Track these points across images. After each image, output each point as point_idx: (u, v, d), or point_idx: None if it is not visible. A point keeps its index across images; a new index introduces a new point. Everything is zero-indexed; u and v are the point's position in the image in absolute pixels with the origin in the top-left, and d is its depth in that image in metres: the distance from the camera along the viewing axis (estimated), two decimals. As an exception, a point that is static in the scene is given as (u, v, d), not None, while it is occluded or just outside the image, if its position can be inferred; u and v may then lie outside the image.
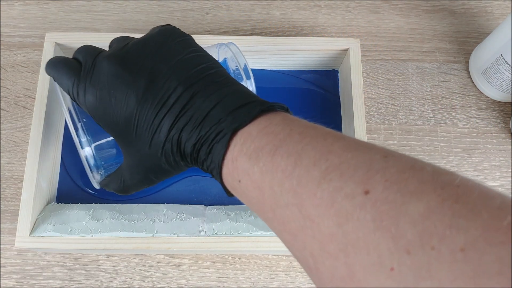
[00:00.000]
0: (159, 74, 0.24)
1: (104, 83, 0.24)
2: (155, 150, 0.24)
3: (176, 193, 0.39)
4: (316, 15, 0.48)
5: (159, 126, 0.23)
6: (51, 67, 0.28)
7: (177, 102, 0.23)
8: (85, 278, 0.39)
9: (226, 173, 0.22)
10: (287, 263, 0.40)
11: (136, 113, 0.24)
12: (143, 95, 0.23)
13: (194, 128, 0.23)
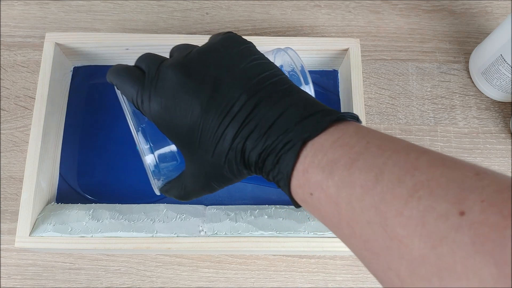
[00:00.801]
0: (223, 83, 0.24)
1: (169, 92, 0.24)
2: (218, 158, 0.24)
3: (176, 193, 0.39)
4: (316, 15, 0.48)
5: (223, 134, 0.23)
6: (114, 75, 0.28)
7: (241, 110, 0.23)
8: (85, 278, 0.39)
9: (296, 185, 0.21)
10: (287, 263, 0.40)
11: (200, 122, 0.23)
12: (207, 104, 0.23)
13: (259, 137, 0.22)
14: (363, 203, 0.18)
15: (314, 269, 0.40)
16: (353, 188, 0.18)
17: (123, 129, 0.41)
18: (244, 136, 0.22)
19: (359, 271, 0.40)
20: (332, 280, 0.40)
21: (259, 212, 0.36)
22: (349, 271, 0.40)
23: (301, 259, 0.40)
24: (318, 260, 0.40)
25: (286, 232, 0.35)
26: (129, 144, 0.41)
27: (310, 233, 0.35)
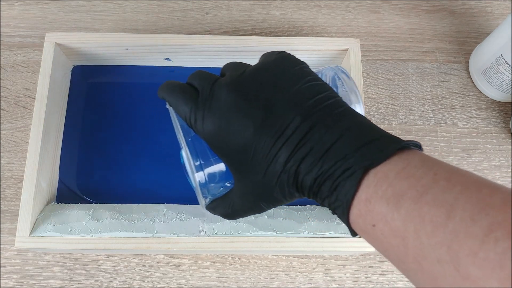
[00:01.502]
0: (277, 104, 0.23)
1: (223, 112, 0.24)
2: (270, 180, 0.23)
3: (176, 193, 0.39)
4: (316, 15, 0.48)
5: (276, 156, 0.23)
6: (167, 92, 0.28)
7: (295, 133, 0.22)
8: (85, 278, 0.39)
9: (356, 214, 0.21)
10: (287, 263, 0.40)
11: (253, 142, 0.23)
12: (261, 125, 0.23)
13: (314, 161, 0.22)
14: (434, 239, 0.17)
15: (314, 269, 0.40)
16: (422, 223, 0.18)
17: (123, 129, 0.41)
18: (298, 159, 0.22)
19: (359, 271, 0.40)
20: (332, 280, 0.40)
21: (259, 212, 0.36)
22: (349, 271, 0.40)
23: (301, 259, 0.40)
24: (318, 260, 0.40)
25: (286, 232, 0.35)
26: (129, 144, 0.41)
27: (310, 233, 0.35)
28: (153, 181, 0.40)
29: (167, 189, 0.39)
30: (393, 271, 0.40)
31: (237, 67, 0.27)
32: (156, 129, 0.41)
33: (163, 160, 0.40)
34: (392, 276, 0.40)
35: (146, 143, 0.41)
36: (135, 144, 0.41)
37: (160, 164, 0.40)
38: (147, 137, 0.41)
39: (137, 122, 0.41)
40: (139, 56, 0.42)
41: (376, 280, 0.40)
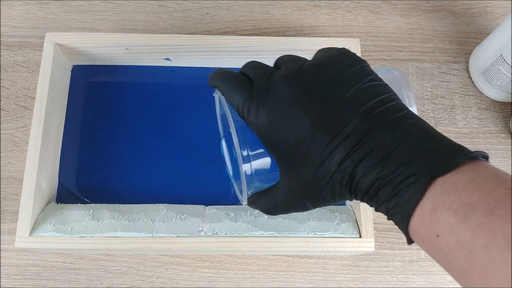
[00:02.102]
0: (337, 101, 0.23)
1: (279, 104, 0.24)
2: (321, 178, 0.23)
3: (176, 193, 0.39)
4: (316, 15, 0.48)
5: (331, 154, 0.22)
6: (220, 80, 0.27)
7: (354, 132, 0.22)
8: (85, 278, 0.39)
9: (418, 223, 0.20)
10: (287, 263, 0.40)
11: (308, 138, 0.23)
12: (318, 121, 0.23)
13: (374, 164, 0.21)
14: (506, 255, 0.17)
15: (314, 269, 0.40)
16: (494, 237, 0.17)
17: (123, 129, 0.41)
18: (356, 160, 0.21)
19: (359, 271, 0.40)
20: (332, 280, 0.40)
21: (259, 212, 0.36)
22: (349, 271, 0.40)
23: (301, 259, 0.40)
24: (318, 260, 0.40)
25: (286, 232, 0.35)
26: (129, 144, 0.41)
27: (310, 233, 0.35)
28: (153, 181, 0.40)
29: (167, 189, 0.40)
30: (393, 271, 0.40)
31: (294, 60, 0.26)
32: (156, 129, 0.41)
33: (163, 160, 0.40)
34: (392, 276, 0.40)
35: (146, 143, 0.41)
36: (135, 144, 0.41)
37: (160, 164, 0.40)
38: (147, 137, 0.41)
39: (137, 122, 0.41)
40: (139, 56, 0.42)
41: (376, 280, 0.40)
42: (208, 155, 0.41)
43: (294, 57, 0.27)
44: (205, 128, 0.42)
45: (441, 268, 0.42)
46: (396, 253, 0.41)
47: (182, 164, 0.40)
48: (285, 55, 0.28)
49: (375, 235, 0.41)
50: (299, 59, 0.27)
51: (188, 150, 0.41)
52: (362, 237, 0.35)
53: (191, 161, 0.40)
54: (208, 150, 0.41)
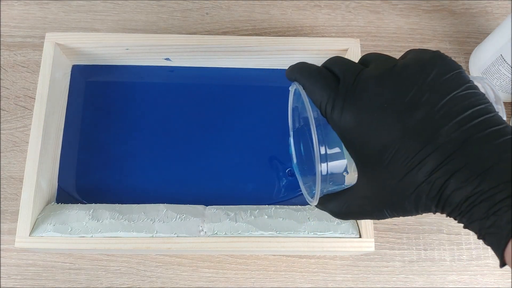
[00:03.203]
0: (432, 108, 0.21)
1: (368, 106, 0.22)
2: (406, 188, 0.21)
3: (176, 193, 0.39)
4: (316, 15, 0.48)
5: (421, 163, 0.21)
6: (304, 74, 0.26)
7: (448, 142, 0.20)
8: (85, 278, 0.39)
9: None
10: (287, 263, 0.40)
11: (397, 144, 0.21)
12: (410, 127, 0.21)
13: (470, 177, 0.19)
14: None
15: (314, 269, 0.40)
16: None
17: (123, 129, 0.41)
18: (449, 172, 0.20)
19: (359, 271, 0.40)
20: (332, 280, 0.40)
21: (259, 212, 0.36)
22: (349, 271, 0.40)
23: (301, 259, 0.40)
24: (318, 260, 0.40)
25: (286, 232, 0.35)
26: (129, 144, 0.41)
27: (310, 233, 0.35)
28: (153, 181, 0.40)
29: (167, 189, 0.40)
30: (393, 271, 0.40)
31: (386, 59, 0.25)
32: (156, 129, 0.41)
33: (163, 160, 0.40)
34: (392, 276, 0.40)
35: (146, 143, 0.41)
36: (135, 144, 0.41)
37: (160, 164, 0.40)
38: (147, 137, 0.41)
39: (137, 122, 0.41)
40: (139, 56, 0.42)
41: (376, 280, 0.40)
42: (208, 155, 0.41)
43: (384, 56, 0.26)
44: (205, 128, 0.42)
45: (441, 268, 0.42)
46: (396, 253, 0.41)
47: (182, 164, 0.40)
48: (374, 53, 0.26)
49: (375, 235, 0.41)
50: (390, 58, 0.25)
51: (188, 150, 0.41)
52: (362, 237, 0.35)
53: (191, 161, 0.41)
54: (208, 150, 0.41)
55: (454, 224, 0.42)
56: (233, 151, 0.41)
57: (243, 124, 0.42)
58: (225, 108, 0.42)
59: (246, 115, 0.42)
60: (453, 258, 0.41)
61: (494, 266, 0.41)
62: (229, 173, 0.40)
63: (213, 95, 0.43)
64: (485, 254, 0.41)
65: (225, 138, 0.41)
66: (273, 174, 0.41)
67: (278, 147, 0.41)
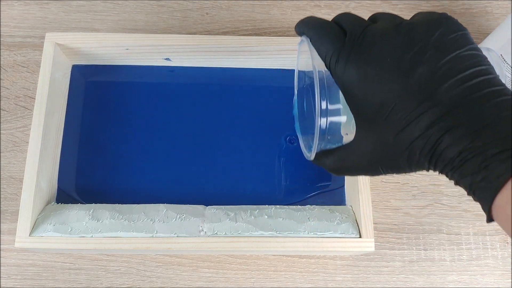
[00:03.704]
0: (433, 65, 0.22)
1: (372, 60, 0.23)
2: (401, 143, 0.22)
3: (176, 193, 0.39)
4: (316, 15, 0.48)
5: (417, 119, 0.21)
6: (312, 27, 0.26)
7: (447, 99, 0.21)
8: (85, 278, 0.39)
9: (506, 200, 0.19)
10: (287, 263, 0.40)
11: (396, 100, 0.22)
12: (411, 82, 0.22)
13: (465, 134, 0.20)
14: None
15: (314, 269, 0.40)
16: None
17: (123, 129, 0.41)
18: (444, 128, 0.20)
19: (359, 271, 0.40)
20: (332, 280, 0.40)
21: (259, 212, 0.36)
22: (349, 271, 0.40)
23: (301, 259, 0.40)
24: (318, 260, 0.40)
25: (286, 232, 0.35)
26: (129, 144, 0.41)
27: (310, 233, 0.35)
28: (153, 181, 0.40)
29: (167, 189, 0.40)
30: (393, 271, 0.40)
31: (394, 18, 0.25)
32: (156, 129, 0.41)
33: (163, 160, 0.40)
34: (392, 276, 0.40)
35: (146, 143, 0.41)
36: (135, 144, 0.41)
37: (160, 164, 0.40)
38: (147, 137, 0.41)
39: (137, 122, 0.41)
40: (139, 56, 0.42)
41: (376, 280, 0.40)
42: (208, 155, 0.41)
43: (392, 14, 0.26)
44: (205, 128, 0.42)
45: (441, 268, 0.42)
46: (396, 253, 0.41)
47: (182, 164, 0.40)
48: (383, 12, 0.27)
49: (375, 235, 0.41)
50: (398, 17, 0.25)
51: (188, 150, 0.41)
52: (362, 237, 0.35)
53: (191, 161, 0.41)
54: (208, 150, 0.41)
55: (454, 224, 0.42)
56: (233, 151, 0.41)
57: (243, 124, 0.42)
58: (225, 108, 0.42)
59: (246, 115, 0.42)
60: (453, 258, 0.41)
61: (494, 266, 0.41)
62: (229, 173, 0.40)
63: (213, 95, 0.43)
64: (485, 254, 0.41)
65: (225, 138, 0.41)
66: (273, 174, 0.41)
67: (278, 147, 0.41)
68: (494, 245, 0.41)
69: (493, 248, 0.41)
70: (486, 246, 0.41)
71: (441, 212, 0.42)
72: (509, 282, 0.40)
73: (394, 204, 0.42)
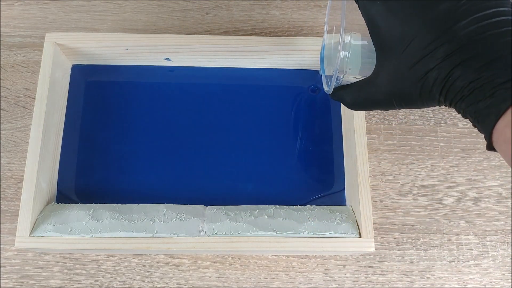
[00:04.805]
0: (456, 1, 0.22)
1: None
2: (415, 74, 0.23)
3: (176, 193, 0.39)
4: (316, 15, 0.48)
5: (433, 52, 0.22)
6: None
7: (463, 34, 0.22)
8: (85, 278, 0.39)
9: (506, 123, 0.20)
10: (287, 263, 0.40)
11: (416, 33, 0.23)
12: (432, 16, 0.23)
13: (478, 66, 0.21)
14: None
15: (314, 269, 0.40)
16: None
17: (123, 129, 0.41)
18: (458, 60, 0.22)
19: (359, 271, 0.40)
20: (332, 280, 0.40)
21: (259, 212, 0.36)
22: (349, 271, 0.40)
23: (301, 259, 0.40)
24: (318, 260, 0.40)
25: (286, 232, 0.35)
26: (129, 144, 0.41)
27: (310, 233, 0.35)
28: (153, 181, 0.40)
29: (167, 189, 0.40)
30: (393, 271, 0.40)
31: None
32: (156, 129, 0.41)
33: (163, 160, 0.40)
34: (392, 276, 0.40)
35: (146, 143, 0.41)
36: (135, 144, 0.41)
37: (160, 164, 0.40)
38: (147, 137, 0.41)
39: (137, 122, 0.41)
40: (139, 56, 0.42)
41: (376, 280, 0.40)
42: (208, 155, 0.41)
43: None
44: (205, 128, 0.42)
45: (441, 268, 0.42)
46: (396, 253, 0.41)
47: (182, 164, 0.40)
48: None
49: (375, 235, 0.41)
50: None
51: (188, 150, 0.41)
52: (362, 237, 0.35)
53: (191, 161, 0.41)
54: (208, 150, 0.41)
55: (454, 224, 0.42)
56: (233, 151, 0.41)
57: (243, 124, 0.42)
58: (225, 108, 0.42)
59: (246, 115, 0.42)
60: (453, 258, 0.41)
61: (494, 266, 0.41)
62: (229, 173, 0.40)
63: (213, 95, 0.43)
64: (485, 254, 0.41)
65: (225, 138, 0.41)
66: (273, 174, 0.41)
67: (278, 147, 0.41)
68: (494, 245, 0.41)
69: (493, 248, 0.41)
70: (486, 246, 0.41)
71: (441, 212, 0.42)
72: (509, 282, 0.40)
73: (394, 204, 0.42)
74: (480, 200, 0.42)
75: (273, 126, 0.42)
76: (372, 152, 0.43)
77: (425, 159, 0.43)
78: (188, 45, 0.40)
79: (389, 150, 0.44)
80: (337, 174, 0.40)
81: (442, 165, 0.43)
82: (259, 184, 0.40)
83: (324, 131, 0.42)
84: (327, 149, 0.41)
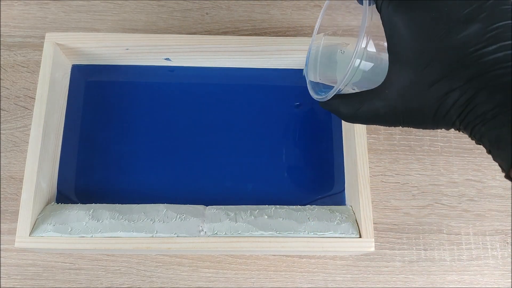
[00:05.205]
0: (486, 25, 0.22)
1: (424, 8, 0.23)
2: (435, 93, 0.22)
3: (176, 193, 0.39)
4: (316, 15, 0.48)
5: (458, 71, 0.22)
6: None
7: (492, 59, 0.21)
8: (85, 278, 0.39)
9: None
10: (287, 263, 0.40)
11: (443, 50, 0.22)
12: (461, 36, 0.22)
13: (504, 91, 0.21)
14: None
15: (314, 269, 0.40)
16: None
17: (123, 129, 0.41)
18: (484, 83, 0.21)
19: (359, 271, 0.40)
20: (332, 280, 0.40)
21: (259, 212, 0.36)
22: (349, 271, 0.40)
23: (301, 259, 0.40)
24: (318, 260, 0.40)
25: (286, 232, 0.35)
26: (129, 144, 0.41)
27: (310, 233, 0.35)
28: (153, 181, 0.40)
29: (167, 189, 0.40)
30: (393, 271, 0.40)
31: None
32: (156, 129, 0.41)
33: (163, 160, 0.40)
34: (392, 276, 0.40)
35: (146, 143, 0.41)
36: (135, 144, 0.41)
37: (160, 164, 0.40)
38: (147, 137, 0.41)
39: (137, 122, 0.41)
40: (139, 56, 0.42)
41: (376, 280, 0.40)
42: (208, 155, 0.41)
43: None
44: (205, 128, 0.42)
45: (441, 268, 0.42)
46: (396, 253, 0.41)
47: (182, 164, 0.40)
48: None
49: (375, 235, 0.41)
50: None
51: (188, 150, 0.41)
52: (362, 237, 0.35)
53: (191, 161, 0.41)
54: (208, 150, 0.41)
55: (454, 224, 0.42)
56: (233, 151, 0.41)
57: (243, 124, 0.42)
58: (225, 108, 0.42)
59: (246, 115, 0.42)
60: (453, 258, 0.41)
61: (494, 266, 0.41)
62: (229, 173, 0.40)
63: (213, 95, 0.43)
64: (485, 254, 0.41)
65: (225, 138, 0.41)
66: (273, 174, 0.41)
67: (278, 147, 0.41)
68: (494, 245, 0.41)
69: (493, 248, 0.41)
70: (486, 246, 0.41)
71: (441, 212, 0.42)
72: (509, 282, 0.40)
73: (394, 204, 0.42)
74: (480, 200, 0.42)
75: (273, 126, 0.42)
76: (372, 152, 0.43)
77: (425, 159, 0.43)
78: (188, 45, 0.40)
79: (389, 150, 0.44)
80: (337, 175, 0.40)
81: (442, 165, 0.43)
82: (259, 184, 0.40)
83: (324, 131, 0.42)
84: (327, 149, 0.41)
